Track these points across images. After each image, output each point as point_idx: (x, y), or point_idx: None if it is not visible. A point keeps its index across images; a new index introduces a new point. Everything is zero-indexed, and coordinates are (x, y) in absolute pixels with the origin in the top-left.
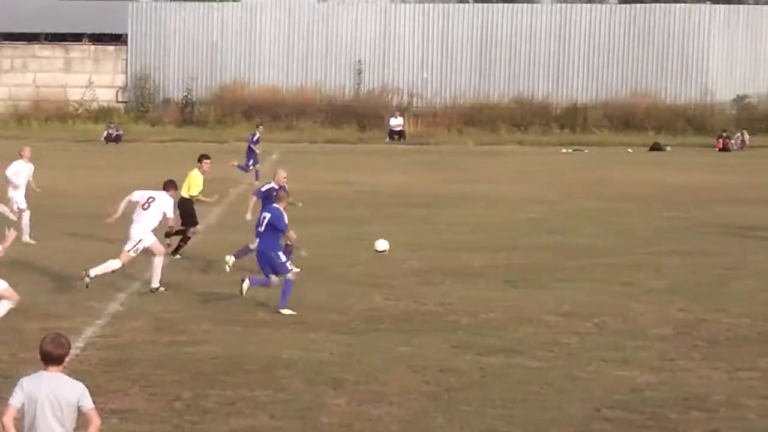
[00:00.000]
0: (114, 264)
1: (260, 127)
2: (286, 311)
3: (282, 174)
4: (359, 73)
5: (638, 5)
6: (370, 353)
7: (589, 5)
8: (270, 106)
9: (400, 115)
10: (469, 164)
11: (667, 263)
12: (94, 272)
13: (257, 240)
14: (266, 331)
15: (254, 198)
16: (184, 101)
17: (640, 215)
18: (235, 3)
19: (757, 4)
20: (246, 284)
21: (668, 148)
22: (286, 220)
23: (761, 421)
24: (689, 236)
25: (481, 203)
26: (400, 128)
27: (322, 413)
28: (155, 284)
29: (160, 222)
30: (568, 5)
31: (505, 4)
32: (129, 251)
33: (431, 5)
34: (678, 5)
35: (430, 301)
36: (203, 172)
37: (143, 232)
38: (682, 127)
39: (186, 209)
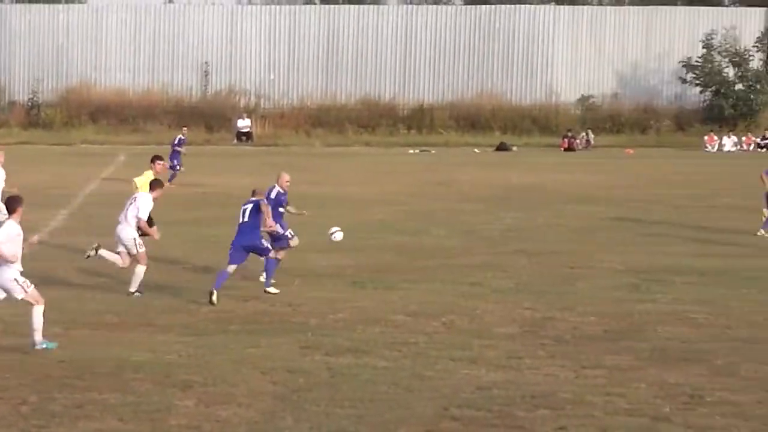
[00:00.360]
0: (141, 270)
1: (185, 129)
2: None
3: (285, 177)
4: (206, 75)
5: (483, 6)
6: (218, 355)
7: (434, 6)
8: (116, 108)
9: (247, 117)
10: (316, 165)
11: (514, 263)
12: (103, 252)
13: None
14: (114, 333)
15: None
16: (29, 103)
17: (486, 215)
18: (81, 5)
19: (600, 4)
20: (215, 297)
21: (514, 148)
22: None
23: (607, 417)
24: (535, 236)
25: (329, 204)
26: (248, 130)
27: (170, 415)
28: (133, 288)
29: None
30: (414, 6)
31: (351, 6)
32: (140, 251)
33: (278, 7)
34: (523, 6)
35: (278, 302)
36: (156, 173)
37: (132, 233)
38: (528, 128)
39: None
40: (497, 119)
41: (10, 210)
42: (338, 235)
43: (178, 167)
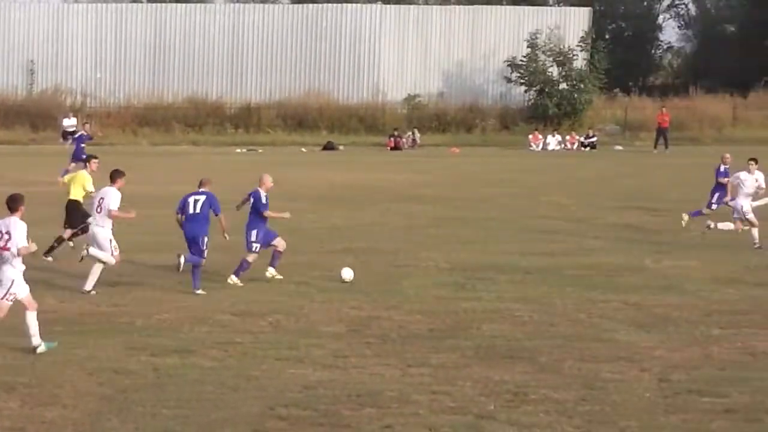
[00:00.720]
0: (110, 260)
1: (86, 125)
2: (200, 292)
3: (269, 180)
4: (32, 74)
5: (310, 5)
6: (43, 356)
7: (261, 5)
8: None
9: (73, 116)
10: (143, 165)
11: (341, 262)
12: (89, 286)
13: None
14: None
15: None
16: None
17: (314, 214)
18: None
19: (426, 4)
20: (182, 259)
21: (341, 148)
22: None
23: (432, 416)
24: (361, 234)
25: (157, 204)
26: (74, 129)
27: None
28: (88, 287)
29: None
30: (242, 5)
31: (179, 4)
32: (115, 253)
33: (104, 5)
34: (349, 5)
35: (104, 303)
36: (91, 172)
37: (107, 233)
38: (355, 127)
39: (74, 210)
40: (324, 118)
41: (12, 209)
42: (347, 273)
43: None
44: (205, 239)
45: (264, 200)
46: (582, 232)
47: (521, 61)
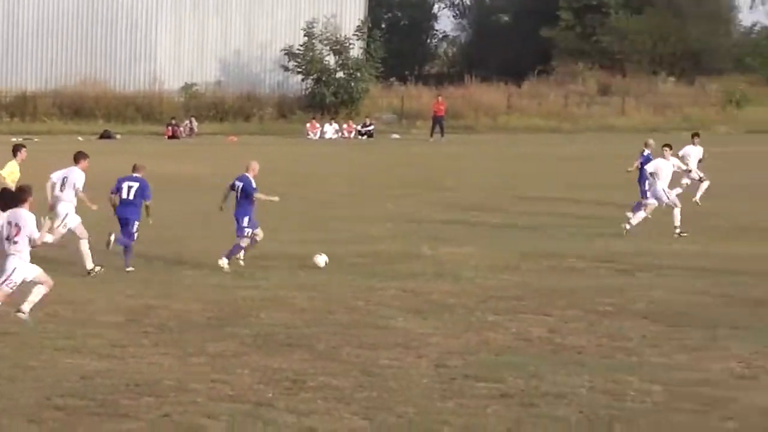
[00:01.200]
0: (49, 238)
1: None
2: (130, 269)
3: (257, 166)
4: None
5: None
6: None
7: None
8: None
9: None
10: None
11: (119, 251)
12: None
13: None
14: None
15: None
16: None
17: (95, 204)
18: None
19: None
20: (112, 238)
21: (118, 137)
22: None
23: (210, 404)
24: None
25: None
26: None
27: None
28: (89, 266)
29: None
30: None
31: None
32: (58, 227)
33: None
34: None
35: None
36: (21, 160)
37: (67, 207)
38: (132, 115)
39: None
40: (101, 107)
41: (21, 200)
42: (321, 259)
43: None
44: (136, 224)
45: (253, 184)
46: (360, 221)
47: (298, 49)
